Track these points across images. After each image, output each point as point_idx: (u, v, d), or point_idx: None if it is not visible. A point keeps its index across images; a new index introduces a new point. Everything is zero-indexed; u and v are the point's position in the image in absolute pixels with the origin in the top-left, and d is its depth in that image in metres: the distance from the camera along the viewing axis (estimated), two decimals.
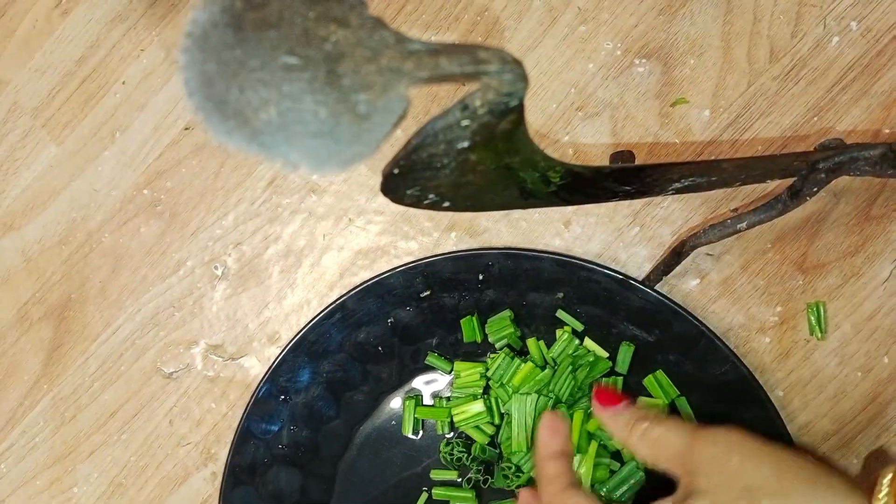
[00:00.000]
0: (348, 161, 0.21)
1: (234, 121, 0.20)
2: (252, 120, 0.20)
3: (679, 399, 0.51)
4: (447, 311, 0.54)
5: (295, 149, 0.21)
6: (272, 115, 0.20)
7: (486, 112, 0.26)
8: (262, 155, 0.21)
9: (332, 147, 0.21)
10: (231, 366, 0.57)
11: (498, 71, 0.23)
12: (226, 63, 0.20)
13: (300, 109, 0.21)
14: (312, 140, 0.21)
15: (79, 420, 0.59)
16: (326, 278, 0.57)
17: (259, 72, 0.20)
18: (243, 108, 0.20)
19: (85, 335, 0.59)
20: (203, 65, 0.20)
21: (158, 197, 0.59)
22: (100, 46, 0.60)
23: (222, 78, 0.20)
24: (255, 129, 0.20)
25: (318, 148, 0.21)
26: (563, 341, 0.52)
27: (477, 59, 0.23)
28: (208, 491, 0.57)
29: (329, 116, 0.21)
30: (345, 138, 0.21)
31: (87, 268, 0.59)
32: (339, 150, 0.21)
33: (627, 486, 0.50)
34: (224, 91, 0.20)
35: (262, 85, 0.21)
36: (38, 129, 0.61)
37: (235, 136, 0.20)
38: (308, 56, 0.21)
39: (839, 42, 0.52)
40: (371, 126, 0.21)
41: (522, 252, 0.52)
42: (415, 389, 0.55)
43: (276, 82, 0.21)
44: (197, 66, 0.20)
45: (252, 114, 0.20)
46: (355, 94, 0.21)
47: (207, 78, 0.20)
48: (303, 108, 0.21)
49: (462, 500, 0.52)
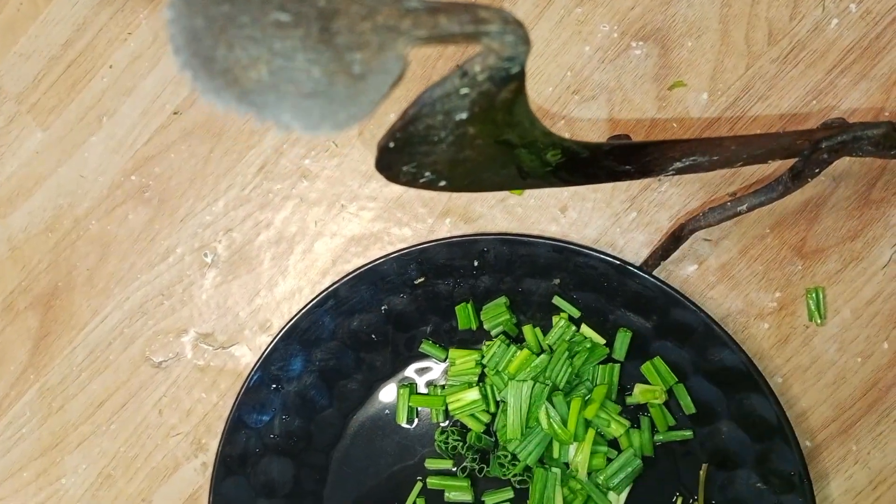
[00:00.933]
0: (342, 123, 0.20)
1: (222, 79, 0.19)
2: (241, 78, 0.19)
3: (677, 386, 0.50)
4: (442, 298, 0.53)
5: (286, 109, 0.20)
6: (263, 74, 0.19)
7: (486, 79, 0.25)
8: (252, 115, 0.20)
9: (325, 108, 0.20)
10: (221, 354, 0.56)
11: (499, 32, 0.23)
12: (214, 18, 0.19)
13: (292, 68, 0.20)
14: (305, 100, 0.20)
15: (66, 410, 0.58)
16: (319, 265, 0.56)
17: (249, 28, 0.20)
18: (232, 66, 0.19)
19: (72, 324, 0.58)
20: (190, 20, 0.19)
21: (147, 183, 0.58)
22: (86, 30, 0.59)
23: (210, 34, 0.19)
24: (244, 89, 0.19)
25: (311, 108, 0.20)
26: (560, 328, 0.51)
27: (478, 18, 0.22)
28: (199, 482, 0.56)
29: (322, 76, 0.20)
30: (339, 99, 0.20)
31: (74, 256, 0.58)
32: (332, 112, 0.20)
33: (625, 473, 0.50)
34: (212, 48, 0.19)
35: (251, 42, 0.20)
36: (24, 115, 0.59)
37: (224, 95, 0.19)
38: (300, 12, 0.20)
39: (838, 24, 0.51)
40: (366, 87, 0.20)
41: (518, 238, 0.51)
42: (409, 377, 0.54)
43: (266, 39, 0.20)
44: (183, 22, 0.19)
45: (241, 72, 0.19)
46: (350, 53, 0.20)
47: (194, 34, 0.19)
48: (295, 66, 0.20)
49: (457, 489, 0.52)
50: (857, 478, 0.49)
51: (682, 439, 0.50)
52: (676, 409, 0.51)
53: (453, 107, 0.26)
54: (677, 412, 0.51)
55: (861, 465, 0.49)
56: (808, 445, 0.50)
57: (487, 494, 0.52)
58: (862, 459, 0.49)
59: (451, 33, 0.22)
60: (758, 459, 0.48)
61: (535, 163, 0.37)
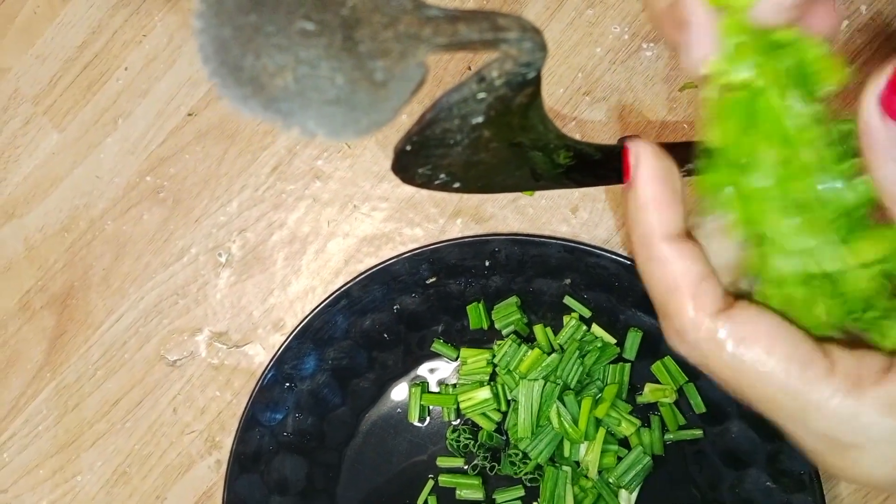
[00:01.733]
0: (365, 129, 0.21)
1: (249, 87, 0.20)
2: (268, 86, 0.20)
3: (688, 385, 0.51)
4: (453, 297, 0.54)
5: (311, 116, 0.20)
6: (288, 81, 0.20)
7: (503, 83, 0.25)
8: (278, 122, 0.20)
9: (348, 114, 0.20)
10: (235, 353, 0.57)
11: (517, 39, 0.23)
12: (241, 28, 0.20)
13: (317, 76, 0.20)
14: (329, 107, 0.20)
15: (82, 409, 0.58)
16: (331, 265, 0.56)
17: (275, 37, 0.20)
18: (259, 74, 0.20)
19: (88, 323, 0.59)
20: (218, 30, 0.20)
21: (161, 184, 0.58)
22: (102, 32, 0.59)
23: (237, 43, 0.20)
24: (270, 96, 0.20)
25: (334, 115, 0.20)
26: (571, 328, 0.52)
27: (496, 25, 0.22)
28: (213, 479, 0.57)
29: (346, 83, 0.20)
30: (362, 106, 0.20)
31: (89, 255, 0.59)
32: (355, 118, 0.20)
33: (635, 472, 0.50)
34: (239, 57, 0.20)
35: (278, 50, 0.20)
36: (40, 117, 0.60)
37: (251, 102, 0.20)
38: (324, 21, 0.21)
39: (848, 26, 0.51)
40: (388, 93, 0.21)
41: (529, 238, 0.52)
42: (421, 376, 0.55)
43: (292, 48, 0.20)
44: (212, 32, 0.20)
45: (268, 80, 0.20)
46: (372, 60, 0.21)
47: (222, 43, 0.20)
48: (319, 74, 0.20)
49: (468, 487, 0.52)
50: None
51: (693, 438, 0.51)
52: (687, 408, 0.51)
53: (470, 111, 0.27)
54: (688, 411, 0.51)
55: None
56: None
57: (498, 492, 0.52)
58: None
59: (471, 40, 0.22)
60: (768, 459, 0.48)
61: (547, 165, 0.37)
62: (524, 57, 0.24)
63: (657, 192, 0.25)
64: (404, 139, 0.29)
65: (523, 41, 0.23)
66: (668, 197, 0.25)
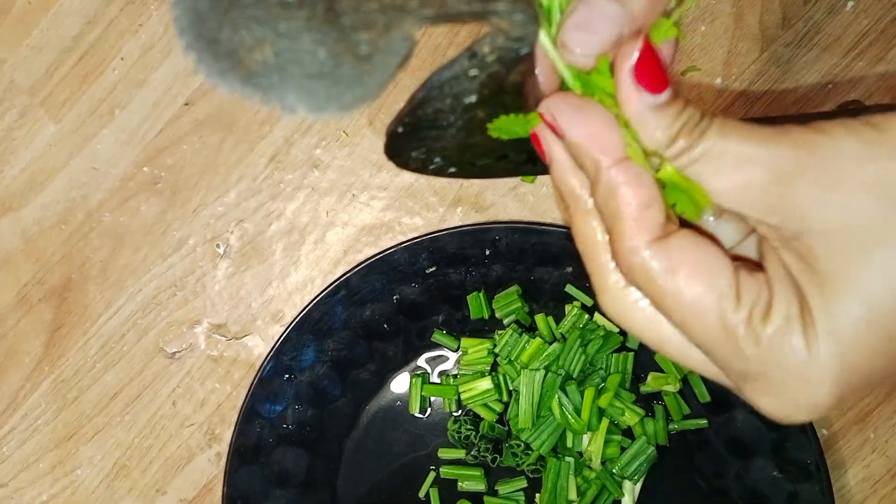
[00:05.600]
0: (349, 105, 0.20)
1: (227, 61, 0.19)
2: (246, 60, 0.19)
3: (692, 374, 0.50)
4: (453, 287, 0.53)
5: (292, 91, 0.19)
6: (267, 55, 0.19)
7: (495, 59, 0.24)
8: (257, 97, 0.19)
9: (331, 89, 0.20)
10: (234, 345, 0.56)
11: (508, 10, 0.22)
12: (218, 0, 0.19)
13: (297, 49, 0.19)
14: (311, 82, 0.19)
15: (81, 402, 0.58)
16: (330, 255, 0.56)
17: (253, 8, 0.19)
18: (237, 48, 0.19)
19: (86, 316, 0.58)
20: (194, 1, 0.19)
21: (159, 174, 0.58)
22: (97, 22, 0.59)
23: (214, 15, 0.19)
24: (249, 70, 0.19)
25: (316, 90, 0.20)
26: (573, 316, 0.51)
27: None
28: (213, 472, 0.56)
29: (328, 57, 0.20)
30: (345, 80, 0.20)
31: (87, 248, 0.58)
32: (339, 93, 0.20)
33: (639, 462, 0.49)
34: (216, 29, 0.19)
35: (256, 23, 0.19)
36: (36, 108, 0.60)
37: (229, 77, 0.19)
38: None
39: (854, 7, 0.50)
40: (373, 68, 0.20)
41: (530, 226, 0.51)
42: (421, 367, 0.54)
43: (271, 20, 0.19)
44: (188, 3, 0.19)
45: (246, 54, 0.19)
46: (356, 33, 0.20)
47: (198, 15, 0.19)
48: (300, 47, 0.19)
49: (470, 479, 0.52)
50: (874, 466, 0.49)
51: (697, 428, 0.50)
52: (691, 397, 0.50)
53: (462, 89, 0.26)
54: (692, 400, 0.50)
55: (879, 453, 0.49)
56: (824, 433, 0.49)
57: (501, 484, 0.52)
58: (880, 447, 0.49)
59: (459, 12, 0.21)
60: (774, 448, 0.48)
61: None
62: (516, 31, 0.23)
63: (591, 126, 0.25)
64: (395, 121, 0.28)
65: (514, 13, 0.23)
66: (604, 126, 0.25)
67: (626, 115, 0.25)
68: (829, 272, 0.23)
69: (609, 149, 0.25)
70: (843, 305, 0.23)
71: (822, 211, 0.23)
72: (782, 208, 0.23)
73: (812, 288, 0.23)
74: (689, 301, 0.24)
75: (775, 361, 0.24)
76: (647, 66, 0.24)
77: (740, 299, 0.24)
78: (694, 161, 0.24)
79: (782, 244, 0.24)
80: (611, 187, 0.25)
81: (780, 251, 0.24)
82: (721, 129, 0.24)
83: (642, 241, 0.25)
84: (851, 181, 0.22)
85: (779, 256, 0.24)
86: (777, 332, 0.23)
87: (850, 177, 0.22)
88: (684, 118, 0.24)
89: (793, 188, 0.23)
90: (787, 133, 0.24)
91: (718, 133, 0.24)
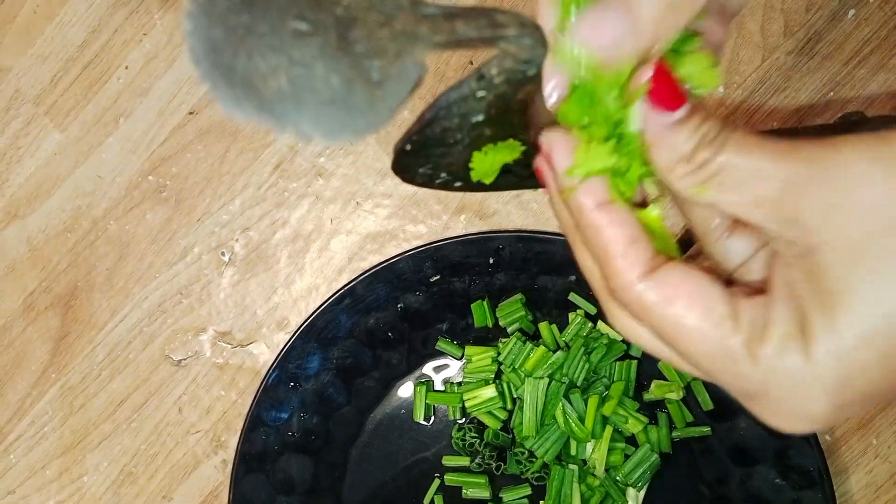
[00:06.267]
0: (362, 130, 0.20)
1: (242, 89, 0.19)
2: (261, 88, 0.20)
3: (695, 382, 0.50)
4: (457, 295, 0.53)
5: (306, 118, 0.20)
6: (282, 83, 0.20)
7: (502, 81, 0.25)
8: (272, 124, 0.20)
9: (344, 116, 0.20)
10: (240, 353, 0.57)
11: (516, 35, 0.22)
12: (233, 29, 0.20)
13: (311, 77, 0.20)
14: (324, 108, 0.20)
15: (87, 409, 0.58)
16: (335, 263, 0.56)
17: (268, 37, 0.20)
18: (252, 76, 0.20)
19: (92, 324, 0.58)
20: (209, 30, 0.19)
21: (164, 183, 0.58)
22: (102, 31, 0.59)
23: (229, 44, 0.19)
24: (264, 98, 0.20)
25: (330, 116, 0.20)
26: (576, 324, 0.51)
27: (495, 22, 0.22)
28: (219, 479, 0.56)
29: (341, 84, 0.20)
30: (358, 106, 0.20)
31: (92, 256, 0.59)
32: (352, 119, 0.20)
33: (642, 470, 0.50)
34: (231, 58, 0.19)
35: (271, 51, 0.20)
36: (41, 117, 0.60)
37: (244, 105, 0.19)
38: (319, 21, 0.20)
39: (855, 15, 0.50)
40: (385, 94, 0.20)
41: (533, 234, 0.51)
42: (426, 375, 0.54)
43: (285, 48, 0.20)
44: (203, 33, 0.19)
45: (261, 81, 0.20)
46: (368, 60, 0.20)
47: (214, 45, 0.19)
48: (314, 75, 0.20)
49: (475, 486, 0.52)
50: (877, 472, 0.49)
51: (701, 435, 0.50)
52: (694, 405, 0.50)
53: (469, 109, 0.26)
54: (695, 408, 0.51)
55: (881, 459, 0.49)
56: (827, 440, 0.50)
57: (505, 491, 0.52)
58: (882, 453, 0.49)
59: (469, 38, 0.22)
60: (777, 455, 0.48)
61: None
62: (524, 54, 0.24)
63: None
64: (404, 139, 0.28)
65: (522, 38, 0.23)
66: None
67: (647, 137, 0.25)
68: (834, 288, 0.23)
69: (592, 191, 0.25)
70: (844, 323, 0.23)
71: (833, 227, 0.23)
72: (797, 223, 0.23)
73: (815, 305, 0.23)
74: (688, 329, 0.24)
75: (774, 379, 0.24)
76: (662, 87, 0.24)
77: (738, 322, 0.24)
78: (713, 175, 0.24)
79: (795, 260, 0.24)
80: (594, 228, 0.25)
81: (790, 268, 0.24)
82: (739, 143, 0.24)
83: (634, 275, 0.25)
84: (862, 198, 0.22)
85: (786, 274, 0.24)
86: (774, 351, 0.24)
87: (861, 193, 0.22)
88: (704, 130, 0.24)
89: (805, 203, 0.23)
90: (800, 148, 0.24)
91: (737, 147, 0.24)
